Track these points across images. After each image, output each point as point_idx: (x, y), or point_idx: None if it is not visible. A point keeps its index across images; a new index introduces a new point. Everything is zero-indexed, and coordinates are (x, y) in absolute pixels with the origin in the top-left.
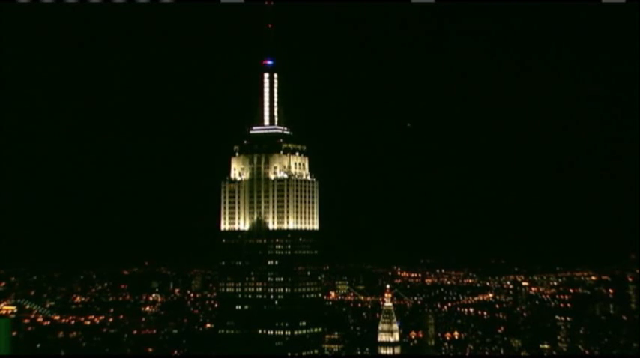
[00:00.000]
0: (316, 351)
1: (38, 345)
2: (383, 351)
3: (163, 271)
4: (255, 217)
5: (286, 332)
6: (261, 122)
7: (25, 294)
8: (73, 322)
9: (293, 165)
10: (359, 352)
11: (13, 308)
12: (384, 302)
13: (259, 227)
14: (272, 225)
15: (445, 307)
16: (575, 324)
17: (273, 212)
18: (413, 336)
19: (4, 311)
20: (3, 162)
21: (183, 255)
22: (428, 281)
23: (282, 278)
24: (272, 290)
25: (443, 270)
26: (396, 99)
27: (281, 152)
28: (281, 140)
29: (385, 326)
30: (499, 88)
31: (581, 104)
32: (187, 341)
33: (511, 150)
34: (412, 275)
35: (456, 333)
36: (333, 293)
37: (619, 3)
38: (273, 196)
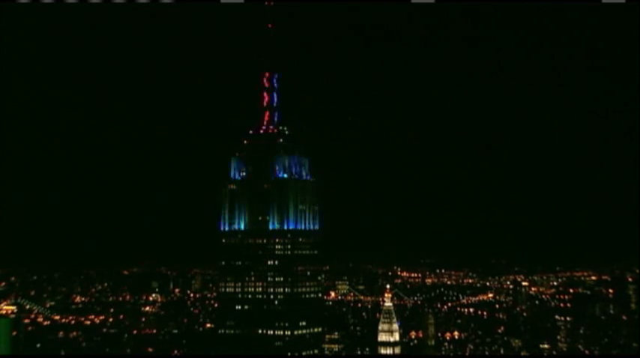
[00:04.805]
0: (316, 351)
1: (38, 345)
2: (383, 351)
3: (163, 271)
4: (255, 217)
5: (286, 332)
6: (261, 122)
7: (25, 294)
8: (73, 322)
9: (293, 165)
10: (359, 352)
11: (13, 308)
12: (384, 302)
13: (259, 227)
14: (272, 225)
15: (445, 307)
16: (575, 324)
17: (273, 212)
18: (413, 336)
19: (4, 311)
20: (3, 162)
21: (183, 255)
22: (428, 281)
23: (282, 278)
24: (272, 290)
25: (443, 270)
26: (397, 99)
27: (281, 152)
28: (281, 140)
29: (385, 326)
30: (499, 88)
31: (580, 104)
32: (187, 341)
33: (511, 151)
34: (412, 275)
35: (456, 333)
36: (333, 293)
37: (619, 3)
38: (273, 196)
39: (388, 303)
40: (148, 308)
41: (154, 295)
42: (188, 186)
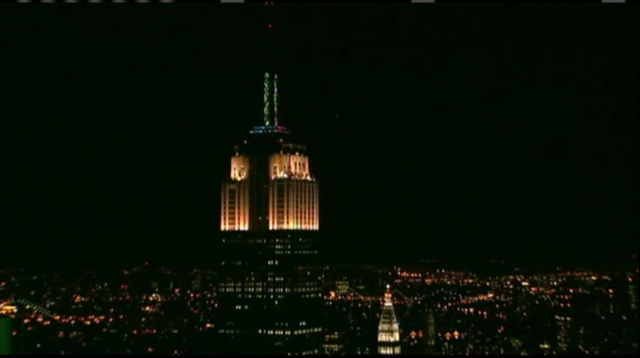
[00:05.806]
0: (316, 351)
1: (38, 345)
2: (383, 351)
3: (163, 271)
4: (255, 217)
5: (286, 332)
6: (261, 122)
7: (25, 294)
8: (73, 322)
9: (293, 165)
10: (359, 352)
11: (13, 308)
12: (384, 302)
13: (259, 227)
14: (272, 225)
15: (445, 307)
16: (575, 324)
17: (273, 212)
18: (413, 336)
19: (4, 311)
20: (3, 162)
21: (183, 255)
22: (428, 281)
23: (282, 278)
24: (272, 290)
25: (443, 270)
26: (397, 99)
27: (281, 152)
28: (281, 140)
29: (385, 326)
30: (499, 87)
31: (580, 104)
32: (187, 341)
33: (511, 151)
34: (412, 275)
35: (456, 333)
36: (333, 293)
37: (619, 3)
38: (273, 196)
39: (388, 303)
40: (148, 308)
41: (154, 295)
42: (188, 185)
